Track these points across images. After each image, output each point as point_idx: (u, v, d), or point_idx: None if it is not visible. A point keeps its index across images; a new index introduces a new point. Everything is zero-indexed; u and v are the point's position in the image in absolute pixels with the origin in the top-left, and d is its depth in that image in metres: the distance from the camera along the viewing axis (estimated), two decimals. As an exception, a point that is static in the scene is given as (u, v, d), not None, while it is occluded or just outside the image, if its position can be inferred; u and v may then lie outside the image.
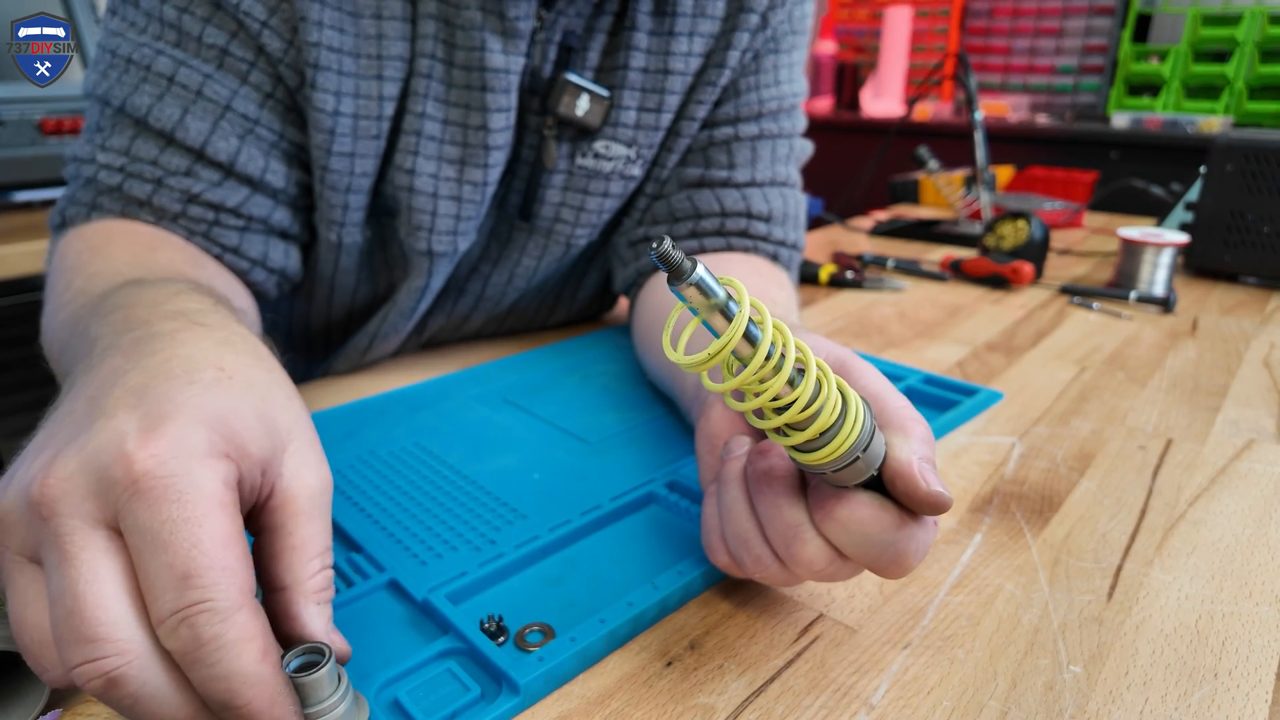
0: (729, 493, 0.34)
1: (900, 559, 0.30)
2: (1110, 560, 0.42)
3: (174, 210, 0.52)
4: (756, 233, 0.64)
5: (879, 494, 0.30)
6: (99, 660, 0.22)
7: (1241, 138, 0.94)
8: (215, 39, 0.51)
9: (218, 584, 0.23)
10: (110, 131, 0.52)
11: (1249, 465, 0.52)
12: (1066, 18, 2.63)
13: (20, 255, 1.06)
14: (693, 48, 0.61)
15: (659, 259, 0.24)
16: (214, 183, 0.52)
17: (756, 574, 0.33)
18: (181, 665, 0.23)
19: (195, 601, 0.23)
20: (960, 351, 0.73)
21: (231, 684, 0.23)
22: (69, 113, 1.18)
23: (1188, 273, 1.01)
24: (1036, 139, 2.34)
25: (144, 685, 0.23)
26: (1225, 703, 0.32)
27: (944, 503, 0.29)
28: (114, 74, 0.51)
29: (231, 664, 0.23)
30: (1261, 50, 2.26)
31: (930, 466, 0.30)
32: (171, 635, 0.23)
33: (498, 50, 0.55)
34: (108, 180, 0.51)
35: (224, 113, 0.52)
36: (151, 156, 0.51)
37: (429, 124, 0.56)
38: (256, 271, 0.56)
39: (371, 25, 0.53)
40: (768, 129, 0.64)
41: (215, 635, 0.23)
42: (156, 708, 0.23)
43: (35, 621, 0.24)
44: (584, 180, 0.63)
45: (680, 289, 0.25)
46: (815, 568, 0.31)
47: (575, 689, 0.33)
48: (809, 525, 0.31)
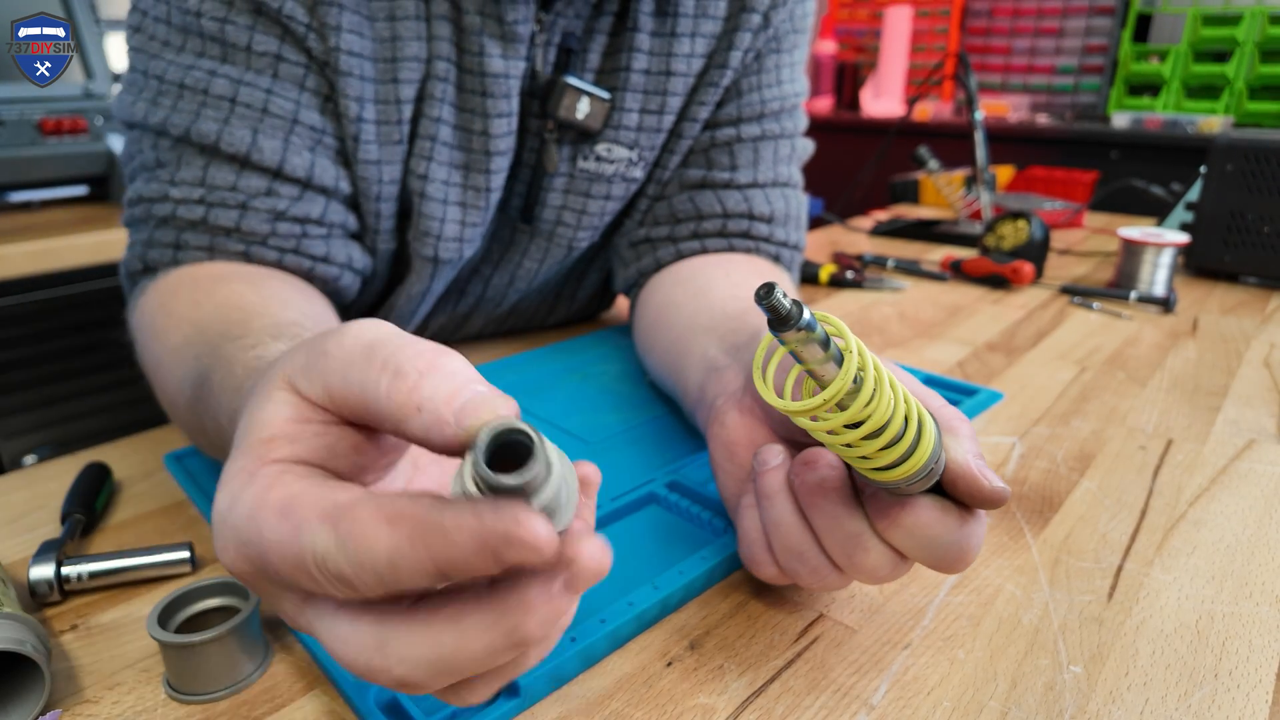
0: (776, 506, 0.33)
1: (964, 555, 0.31)
2: (1110, 560, 0.42)
3: (263, 232, 0.51)
4: (759, 234, 0.64)
5: (937, 495, 0.31)
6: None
7: (1242, 138, 0.94)
8: (266, 46, 0.49)
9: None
10: (177, 165, 0.50)
11: (1249, 465, 0.52)
12: (1067, 17, 2.62)
13: (19, 255, 1.06)
14: (695, 48, 0.60)
15: (767, 309, 0.24)
16: (294, 198, 0.51)
17: (812, 584, 0.33)
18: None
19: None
20: (960, 351, 0.73)
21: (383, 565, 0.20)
22: (68, 113, 1.18)
23: (1188, 273, 1.01)
24: (1037, 139, 2.34)
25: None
26: (1225, 703, 0.32)
27: (1005, 497, 0.30)
28: (166, 101, 0.49)
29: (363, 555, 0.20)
30: (1262, 50, 2.26)
31: (985, 463, 0.30)
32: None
33: (497, 55, 0.54)
34: (189, 215, 0.50)
35: (293, 126, 0.50)
36: (230, 183, 0.50)
37: (443, 129, 0.55)
38: (345, 275, 0.55)
39: (386, 27, 0.52)
40: (770, 129, 0.64)
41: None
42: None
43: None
44: (585, 183, 0.62)
45: (784, 335, 0.24)
46: (880, 574, 0.32)
47: (575, 689, 0.33)
48: (871, 534, 0.31)
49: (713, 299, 0.53)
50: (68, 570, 0.39)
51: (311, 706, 0.33)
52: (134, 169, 0.53)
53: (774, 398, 0.26)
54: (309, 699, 0.33)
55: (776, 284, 0.24)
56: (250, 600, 0.34)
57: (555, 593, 0.21)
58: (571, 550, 0.21)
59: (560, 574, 0.21)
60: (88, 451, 0.54)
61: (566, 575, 0.21)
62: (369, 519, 0.20)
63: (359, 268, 0.57)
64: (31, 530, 0.45)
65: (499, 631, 0.21)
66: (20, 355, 1.11)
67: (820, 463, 0.32)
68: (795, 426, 0.35)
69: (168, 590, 0.39)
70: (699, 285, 0.57)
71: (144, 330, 0.49)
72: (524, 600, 0.21)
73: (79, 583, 0.39)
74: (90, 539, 0.44)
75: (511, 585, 0.21)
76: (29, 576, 0.38)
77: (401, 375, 0.22)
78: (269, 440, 0.24)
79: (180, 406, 0.42)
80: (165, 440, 0.56)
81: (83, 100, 1.20)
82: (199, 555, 0.42)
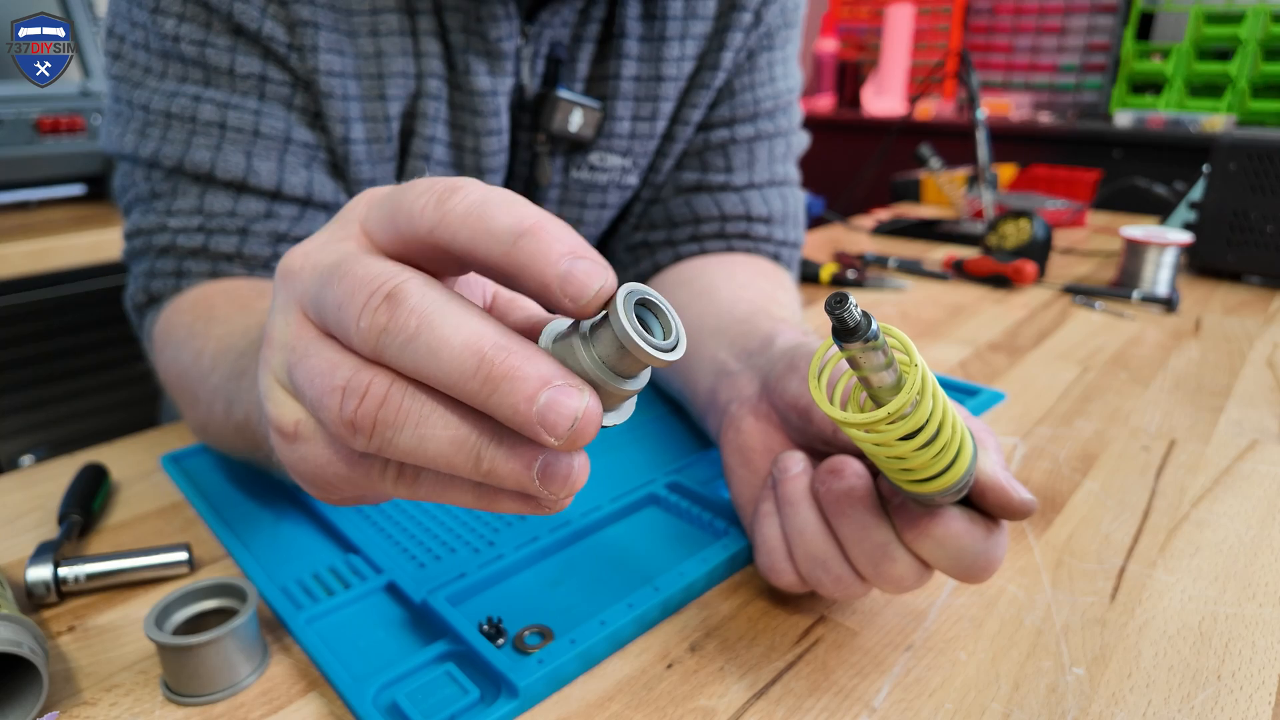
0: (799, 514, 0.33)
1: (989, 566, 0.31)
2: (1113, 561, 0.41)
3: (265, 255, 0.50)
4: (757, 234, 0.64)
5: (964, 507, 0.31)
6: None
7: (1245, 137, 0.93)
8: (249, 68, 0.49)
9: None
10: (173, 195, 0.50)
11: (1252, 466, 0.51)
12: (1069, 16, 2.62)
13: (16, 255, 1.06)
14: (685, 51, 0.59)
15: (837, 320, 0.23)
16: (295, 217, 0.51)
17: (834, 593, 0.33)
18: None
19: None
20: (963, 351, 0.73)
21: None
22: (65, 112, 1.18)
23: (1191, 272, 1.00)
24: (1039, 138, 2.34)
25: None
26: (1229, 705, 0.32)
27: (1033, 508, 0.30)
28: (155, 132, 0.49)
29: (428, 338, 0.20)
30: (1264, 49, 2.25)
31: (1012, 475, 0.31)
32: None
33: (483, 73, 0.53)
34: (188, 243, 0.49)
35: (286, 145, 0.50)
36: (228, 209, 0.49)
37: (438, 148, 0.55)
38: None
39: (369, 43, 0.51)
40: (764, 129, 0.64)
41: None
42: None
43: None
44: (580, 193, 0.62)
45: (848, 345, 0.23)
46: (905, 584, 0.32)
47: (575, 691, 0.33)
48: (898, 544, 0.31)
49: (718, 301, 0.53)
50: (65, 571, 0.39)
51: (310, 708, 0.32)
52: (129, 201, 0.52)
53: (834, 410, 0.26)
54: (307, 700, 0.33)
55: (849, 295, 0.23)
56: (248, 602, 0.34)
57: (537, 391, 0.19)
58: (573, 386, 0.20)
59: (551, 385, 0.20)
60: (85, 452, 0.54)
61: (550, 394, 0.20)
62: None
63: None
64: (28, 531, 0.45)
65: (485, 347, 0.20)
66: (17, 355, 1.10)
67: (847, 471, 0.32)
68: (813, 433, 0.35)
69: (165, 592, 0.39)
70: (702, 286, 0.56)
71: (174, 337, 0.47)
72: (515, 364, 0.20)
73: (76, 584, 0.39)
74: (87, 540, 0.44)
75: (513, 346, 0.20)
76: (26, 578, 0.38)
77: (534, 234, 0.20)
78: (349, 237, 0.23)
79: (217, 411, 0.40)
80: (163, 441, 0.55)
81: (80, 99, 1.20)
82: (196, 556, 0.42)
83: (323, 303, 0.22)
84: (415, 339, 0.20)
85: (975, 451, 0.29)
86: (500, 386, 0.20)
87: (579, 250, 0.20)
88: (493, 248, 0.20)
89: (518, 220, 0.20)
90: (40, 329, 1.12)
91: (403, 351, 0.20)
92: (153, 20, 0.48)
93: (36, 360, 1.13)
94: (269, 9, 0.48)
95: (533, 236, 0.20)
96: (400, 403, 0.21)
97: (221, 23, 0.48)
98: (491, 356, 0.20)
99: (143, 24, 0.48)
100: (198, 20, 0.47)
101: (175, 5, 0.47)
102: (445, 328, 0.20)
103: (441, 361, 0.20)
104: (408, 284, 0.21)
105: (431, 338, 0.20)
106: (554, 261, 0.20)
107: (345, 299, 0.21)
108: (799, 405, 0.36)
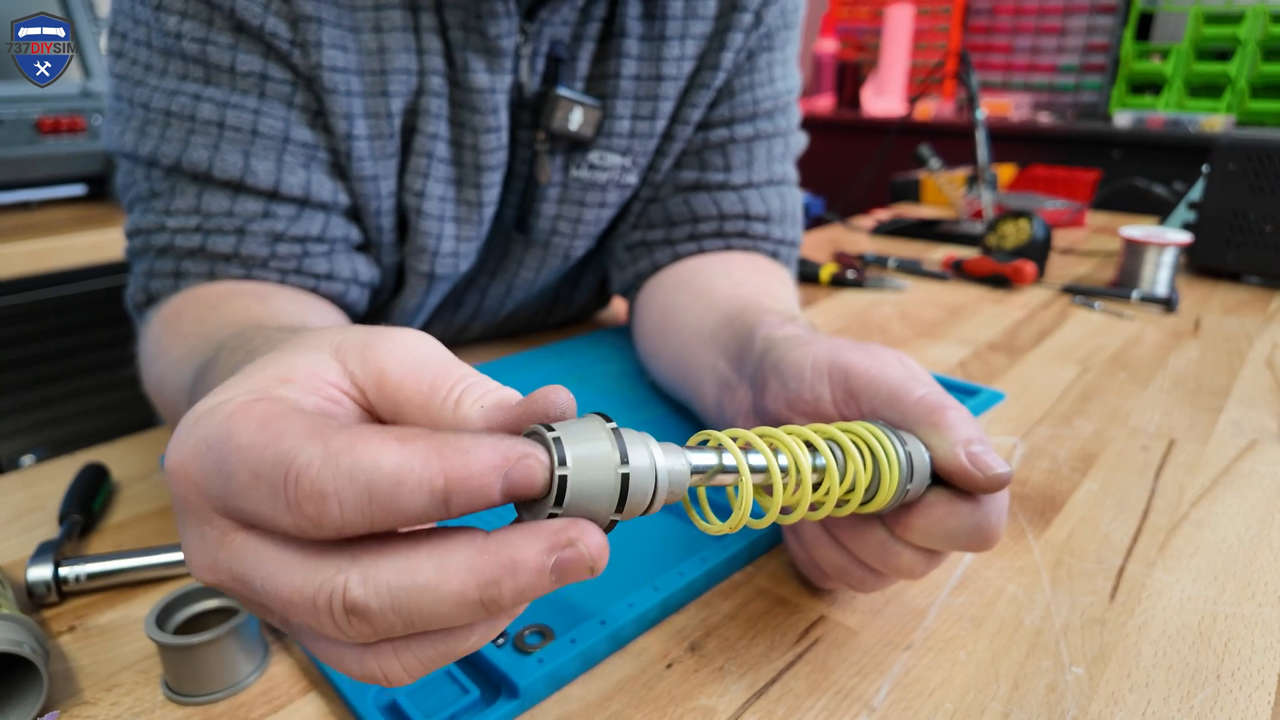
0: (807, 533, 0.36)
1: (989, 534, 0.31)
2: (1113, 561, 0.42)
3: (262, 255, 0.50)
4: (755, 233, 0.64)
5: (943, 487, 0.31)
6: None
7: (1244, 137, 0.93)
8: (250, 66, 0.48)
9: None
10: (171, 194, 0.50)
11: (1252, 466, 0.52)
12: (1068, 16, 2.62)
13: (17, 255, 1.06)
14: (685, 51, 0.59)
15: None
16: (292, 217, 0.51)
17: (863, 590, 0.35)
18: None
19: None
20: (962, 351, 0.73)
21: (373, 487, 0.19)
22: (66, 112, 1.18)
23: (1190, 272, 1.00)
24: (1038, 138, 2.34)
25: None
26: (1228, 704, 0.32)
27: (1005, 480, 0.30)
28: (154, 130, 0.49)
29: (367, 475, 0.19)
30: (1264, 49, 2.25)
31: (979, 448, 0.30)
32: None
33: (482, 70, 0.53)
34: (186, 243, 0.49)
35: (284, 145, 0.50)
36: (225, 209, 0.49)
37: (439, 145, 0.55)
38: (351, 290, 0.55)
39: (373, 39, 0.51)
40: (763, 129, 0.64)
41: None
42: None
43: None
44: (580, 192, 0.62)
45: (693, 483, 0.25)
46: (917, 571, 0.33)
47: (575, 691, 0.33)
48: (894, 540, 0.32)
49: (715, 300, 0.53)
50: (65, 571, 0.39)
51: (310, 708, 0.32)
52: (130, 200, 0.52)
53: (719, 525, 0.27)
54: (307, 700, 0.33)
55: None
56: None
57: (544, 565, 0.20)
58: (576, 532, 0.21)
59: (556, 550, 0.20)
60: (85, 452, 0.54)
61: (559, 558, 0.20)
62: (374, 436, 0.19)
63: (365, 280, 0.56)
64: (29, 531, 0.45)
65: (478, 579, 0.20)
66: (18, 355, 1.10)
67: None
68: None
69: (166, 591, 0.39)
70: (701, 287, 0.56)
71: (148, 351, 0.48)
72: (514, 557, 0.20)
73: (77, 584, 0.39)
74: (88, 540, 0.44)
75: (503, 541, 0.21)
76: (27, 578, 0.38)
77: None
78: (285, 379, 0.22)
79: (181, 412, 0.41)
80: (163, 441, 0.55)
81: (81, 99, 1.20)
82: (197, 556, 0.42)
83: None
84: (410, 624, 0.21)
85: (906, 456, 0.29)
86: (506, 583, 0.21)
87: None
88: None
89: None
90: (40, 329, 1.12)
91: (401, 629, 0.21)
92: (155, 18, 0.48)
93: (36, 360, 1.13)
94: (272, 5, 0.48)
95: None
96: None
97: (224, 19, 0.48)
98: (492, 579, 0.20)
99: (145, 21, 0.48)
100: (200, 17, 0.47)
101: (178, 2, 0.47)
102: (427, 596, 0.20)
103: (443, 611, 0.21)
104: (356, 590, 0.20)
105: (424, 607, 0.20)
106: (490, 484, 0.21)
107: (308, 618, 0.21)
108: (781, 418, 0.37)
